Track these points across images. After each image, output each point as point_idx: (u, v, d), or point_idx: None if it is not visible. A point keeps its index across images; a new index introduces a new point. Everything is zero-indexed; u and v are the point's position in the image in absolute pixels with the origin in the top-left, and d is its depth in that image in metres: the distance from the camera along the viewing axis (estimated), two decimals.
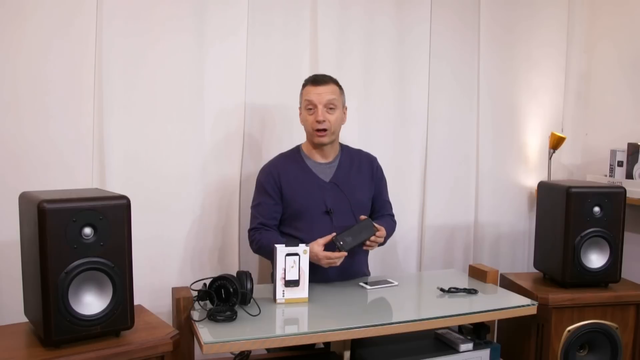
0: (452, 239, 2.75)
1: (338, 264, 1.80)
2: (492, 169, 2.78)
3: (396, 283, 1.97)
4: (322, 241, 1.79)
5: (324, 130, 1.88)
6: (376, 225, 1.86)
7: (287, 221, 1.94)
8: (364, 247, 1.86)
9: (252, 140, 2.29)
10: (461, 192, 2.74)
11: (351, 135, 2.40)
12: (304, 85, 1.92)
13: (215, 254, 2.27)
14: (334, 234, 1.80)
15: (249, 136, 2.28)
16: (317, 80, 1.88)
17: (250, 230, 1.94)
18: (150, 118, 2.09)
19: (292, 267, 1.69)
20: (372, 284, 1.94)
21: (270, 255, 1.86)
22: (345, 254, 1.78)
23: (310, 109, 1.88)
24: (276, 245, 1.69)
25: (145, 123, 2.09)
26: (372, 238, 1.83)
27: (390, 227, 2.05)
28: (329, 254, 1.77)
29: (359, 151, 2.08)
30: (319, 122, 1.87)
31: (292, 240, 1.84)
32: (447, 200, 2.71)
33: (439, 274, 2.25)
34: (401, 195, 2.57)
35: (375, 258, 2.48)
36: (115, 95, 2.02)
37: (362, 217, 1.86)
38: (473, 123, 2.73)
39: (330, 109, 1.88)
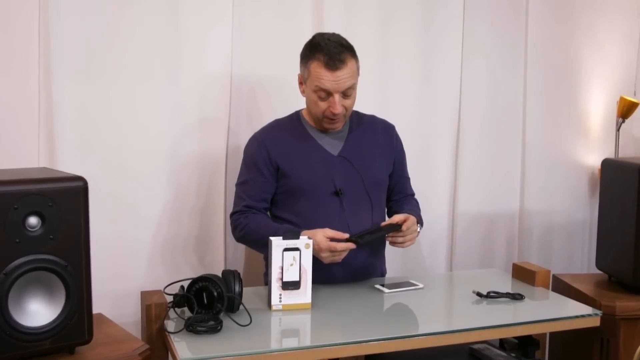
0: (492, 231, 2.76)
1: (340, 260, 1.80)
2: (542, 143, 2.78)
3: (421, 285, 1.97)
4: (330, 233, 1.79)
5: (338, 118, 1.89)
6: (399, 218, 1.87)
7: (284, 203, 1.96)
8: (390, 241, 1.88)
9: (239, 108, 2.31)
10: (503, 172, 2.75)
11: (365, 103, 2.40)
12: (312, 59, 1.85)
13: (195, 249, 2.29)
14: (347, 235, 1.80)
15: (237, 103, 2.30)
16: (332, 60, 1.81)
17: (233, 214, 1.96)
18: (113, 81, 2.10)
19: (292, 265, 1.69)
20: (391, 286, 1.94)
21: (258, 245, 1.89)
22: (355, 246, 1.78)
23: (323, 96, 1.86)
24: (271, 239, 1.69)
25: (107, 87, 2.09)
26: (400, 239, 1.86)
27: (418, 209, 2.08)
28: (333, 244, 1.77)
29: (373, 117, 2.10)
30: (335, 114, 1.86)
31: (290, 227, 1.85)
32: (485, 183, 2.72)
33: (474, 274, 2.26)
34: (427, 176, 2.59)
35: (395, 254, 2.49)
36: (68, 52, 2.02)
37: (384, 223, 1.89)
38: (519, 86, 2.73)
39: (348, 94, 1.88)
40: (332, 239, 1.79)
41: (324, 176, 1.92)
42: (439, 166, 2.65)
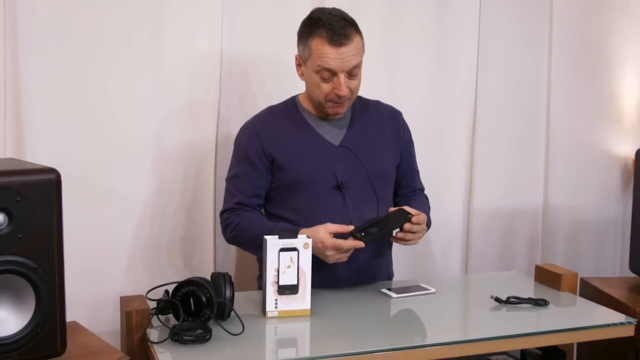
0: (512, 229, 2.77)
1: (346, 258, 1.81)
2: (569, 131, 2.79)
3: (433, 290, 1.97)
4: (333, 227, 1.79)
5: (343, 101, 1.89)
6: (411, 210, 1.87)
7: (279, 199, 1.97)
8: (394, 239, 1.88)
9: (231, 92, 2.32)
10: (524, 163, 2.76)
11: (371, 88, 2.41)
12: (312, 36, 1.84)
13: (181, 250, 2.30)
14: (352, 227, 1.80)
15: (228, 86, 2.31)
16: (336, 35, 1.80)
17: (224, 212, 1.96)
18: (89, 62, 2.10)
19: (289, 267, 1.69)
20: (399, 290, 1.94)
21: (251, 246, 1.90)
22: (362, 244, 1.78)
23: (326, 77, 1.85)
24: (266, 238, 1.69)
25: (83, 68, 2.09)
26: (407, 226, 1.83)
27: (428, 208, 2.10)
28: (339, 242, 1.77)
29: (378, 103, 2.10)
30: (339, 95, 1.86)
31: (287, 225, 1.85)
32: (505, 175, 2.73)
33: (492, 277, 2.26)
34: (439, 168, 2.61)
35: (404, 255, 2.52)
36: (37, 29, 2.01)
37: (391, 208, 1.89)
38: (542, 67, 2.74)
39: (354, 75, 1.88)
40: (336, 235, 1.79)
41: (324, 169, 1.92)
42: (453, 157, 2.66)
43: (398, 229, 1.87)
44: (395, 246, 2.06)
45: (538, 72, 2.72)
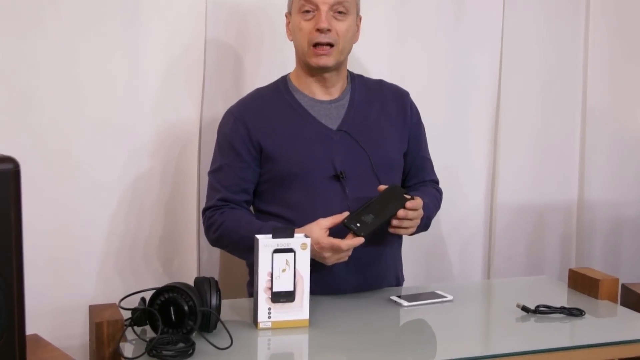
0: (542, 228, 2.80)
1: (346, 257, 1.82)
2: (608, 115, 2.82)
3: (450, 297, 1.97)
4: (326, 222, 1.81)
5: (329, 45, 1.91)
6: (408, 193, 1.89)
7: (270, 193, 1.99)
8: (391, 229, 1.88)
9: (220, 65, 2.33)
10: (556, 152, 2.80)
11: (377, 65, 2.43)
12: None
13: (160, 251, 2.32)
14: (346, 213, 1.81)
15: (216, 58, 2.31)
16: None
17: (206, 210, 1.98)
18: (52, 35, 2.10)
19: (284, 270, 1.69)
20: (411, 298, 1.95)
21: (239, 248, 1.92)
22: (361, 240, 1.79)
23: (308, 11, 1.91)
24: (258, 237, 1.68)
25: (44, 43, 2.09)
26: (401, 213, 1.84)
27: (434, 200, 2.09)
28: (337, 241, 1.77)
29: (381, 82, 2.13)
30: (320, 30, 1.89)
31: (280, 224, 1.86)
32: (534, 166, 2.76)
33: (519, 283, 2.28)
34: (459, 157, 2.65)
35: (415, 257, 2.56)
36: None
37: (382, 186, 1.89)
38: (578, 40, 2.78)
39: (340, 12, 1.92)
40: (332, 229, 1.81)
41: (321, 157, 1.94)
42: (473, 144, 2.70)
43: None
44: (405, 246, 2.06)
45: (573, 46, 2.77)
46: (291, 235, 1.70)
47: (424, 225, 1.99)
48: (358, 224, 1.79)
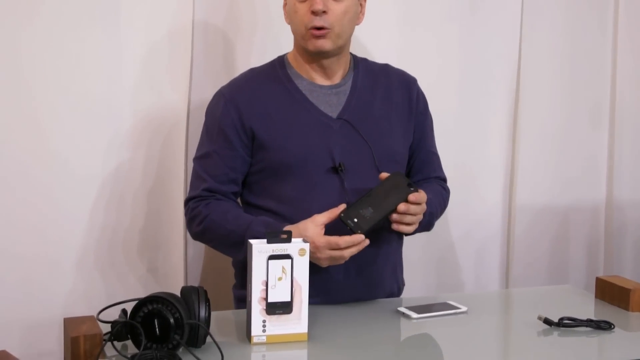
0: (566, 231, 2.80)
1: (347, 257, 1.81)
2: None
3: (464, 308, 1.96)
4: (322, 218, 1.82)
5: (324, 29, 1.92)
6: (411, 184, 1.90)
7: (262, 185, 2.00)
8: (393, 227, 1.88)
9: (209, 46, 2.34)
10: (582, 148, 2.80)
11: (382, 52, 2.41)
12: None
13: (142, 255, 2.32)
14: (343, 206, 1.82)
15: (203, 37, 2.33)
16: None
17: (189, 201, 1.99)
18: (22, 15, 2.11)
19: (281, 279, 1.67)
20: (421, 309, 1.93)
21: (224, 244, 1.93)
22: (363, 238, 1.80)
23: None
24: (252, 242, 1.66)
25: (10, 19, 2.10)
26: (401, 207, 1.84)
27: (439, 197, 2.10)
28: (334, 238, 1.78)
29: (386, 67, 2.14)
30: (315, 13, 1.89)
31: (271, 218, 1.88)
32: (557, 163, 2.77)
33: (540, 293, 2.26)
34: (473, 154, 2.65)
35: (426, 264, 2.59)
36: None
37: (383, 174, 1.89)
38: (606, 26, 2.78)
39: None
40: (329, 227, 1.81)
41: (319, 147, 1.95)
42: (490, 140, 2.69)
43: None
44: (414, 252, 2.05)
45: (601, 36, 2.77)
46: (288, 240, 1.69)
47: (426, 224, 1.99)
48: (355, 219, 1.80)
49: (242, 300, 1.98)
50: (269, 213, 1.94)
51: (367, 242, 1.80)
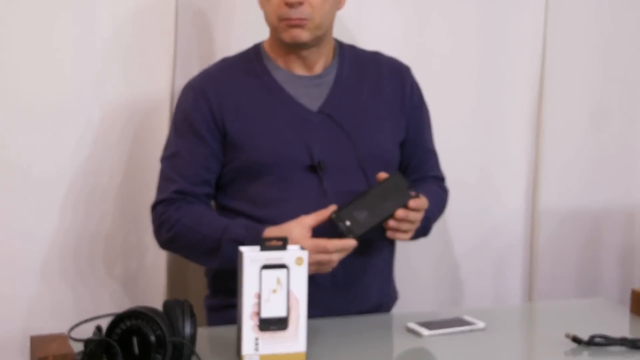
0: (596, 238, 2.82)
1: (335, 263, 1.83)
2: None
3: (481, 324, 1.93)
4: (309, 220, 1.83)
5: (300, 20, 1.93)
6: (411, 188, 1.91)
7: (235, 187, 2.02)
8: (388, 234, 1.90)
9: (192, 28, 2.38)
10: (615, 145, 2.81)
11: (383, 36, 2.45)
12: None
13: (118, 264, 2.33)
14: (333, 206, 1.83)
15: (187, 19, 2.35)
16: None
17: (157, 205, 2.00)
18: None
19: (276, 291, 1.65)
20: (433, 325, 1.91)
21: (198, 252, 1.95)
22: (354, 244, 1.81)
23: None
24: (243, 250, 1.65)
25: None
26: (400, 214, 1.85)
27: (437, 199, 2.11)
28: (323, 241, 1.78)
29: (377, 55, 2.14)
30: (289, 5, 1.90)
31: (247, 222, 1.90)
32: (586, 163, 2.77)
33: (568, 307, 2.26)
34: (492, 153, 2.66)
35: (439, 275, 2.62)
36: None
37: (382, 174, 1.91)
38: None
39: None
40: (316, 230, 1.82)
41: (296, 143, 1.97)
42: (511, 134, 2.70)
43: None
44: (427, 262, 2.01)
45: (634, 17, 2.76)
46: (284, 247, 1.67)
47: (422, 230, 2.00)
48: (348, 222, 1.81)
49: (214, 310, 2.06)
50: (244, 217, 1.95)
51: (354, 243, 1.81)
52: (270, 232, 1.82)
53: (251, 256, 1.63)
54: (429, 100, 2.16)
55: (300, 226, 1.81)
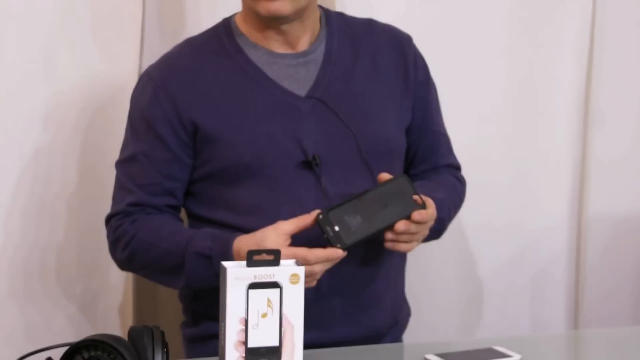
0: None
1: (319, 276, 1.82)
2: None
3: (517, 357, 1.88)
4: (287, 226, 1.81)
5: None
6: (420, 196, 1.89)
7: (212, 192, 2.03)
8: (386, 245, 1.90)
9: (162, 13, 2.44)
10: None
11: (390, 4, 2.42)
12: None
13: (76, 283, 2.36)
14: (317, 211, 1.81)
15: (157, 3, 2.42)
16: None
17: (111, 218, 2.01)
18: None
19: (266, 315, 1.62)
20: (457, 357, 1.88)
21: (160, 270, 1.97)
22: (341, 254, 1.80)
23: None
24: (225, 265, 1.62)
25: None
26: (400, 227, 1.84)
27: (452, 194, 2.14)
28: (302, 251, 1.77)
29: (371, 23, 2.15)
30: None
31: (219, 230, 1.93)
32: None
33: (622, 336, 2.23)
34: (531, 151, 2.68)
35: (463, 296, 2.67)
36: None
37: (384, 175, 1.91)
38: None
39: None
40: (296, 238, 1.82)
41: (284, 136, 1.97)
42: (554, 129, 2.70)
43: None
44: (448, 279, 1.98)
45: None
46: (276, 263, 1.64)
47: (434, 232, 2.00)
48: (337, 227, 1.79)
49: (193, 341, 2.06)
50: (225, 228, 1.95)
51: (342, 253, 1.80)
52: (241, 241, 1.81)
53: (236, 273, 1.60)
54: (452, 83, 2.15)
55: (275, 233, 1.80)
